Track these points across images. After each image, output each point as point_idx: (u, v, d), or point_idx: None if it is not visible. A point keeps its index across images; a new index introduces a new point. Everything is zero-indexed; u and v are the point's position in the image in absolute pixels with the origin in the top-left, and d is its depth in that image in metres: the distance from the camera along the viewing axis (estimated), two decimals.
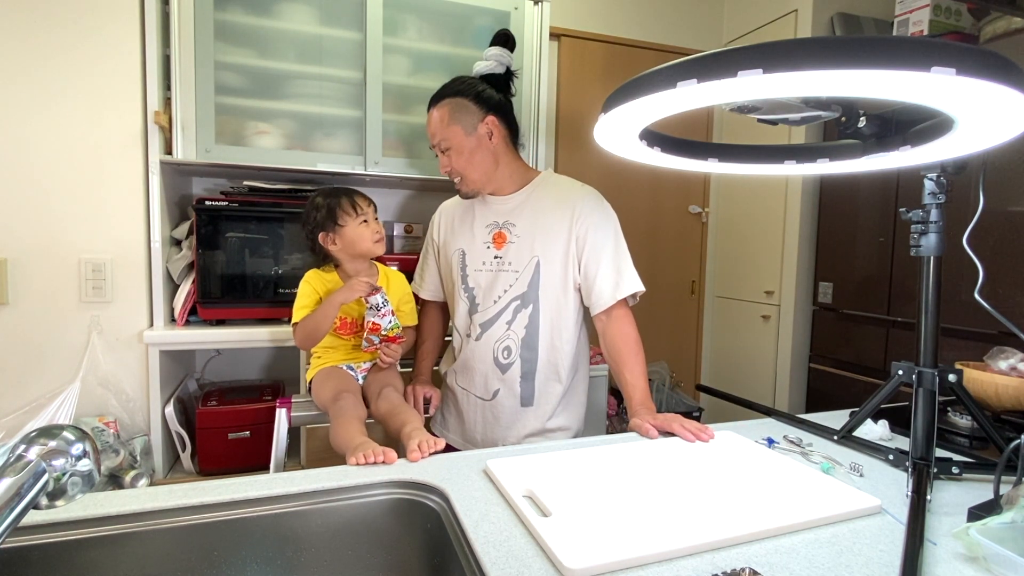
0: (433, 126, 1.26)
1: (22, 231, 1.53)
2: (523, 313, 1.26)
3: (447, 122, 1.24)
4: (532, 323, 1.26)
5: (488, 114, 1.25)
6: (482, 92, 1.26)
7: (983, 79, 0.48)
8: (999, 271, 1.70)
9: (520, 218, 1.28)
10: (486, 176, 1.27)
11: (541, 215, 1.27)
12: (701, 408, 2.73)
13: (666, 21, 2.80)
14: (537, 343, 1.26)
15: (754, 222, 2.71)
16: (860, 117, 0.77)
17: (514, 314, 1.27)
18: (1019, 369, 1.07)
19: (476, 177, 1.27)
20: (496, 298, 1.27)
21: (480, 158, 1.25)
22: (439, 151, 1.27)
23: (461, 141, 1.24)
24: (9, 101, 1.50)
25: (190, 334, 1.67)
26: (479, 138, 1.24)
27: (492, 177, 1.28)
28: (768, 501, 0.73)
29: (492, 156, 1.27)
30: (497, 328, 1.28)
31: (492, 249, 1.29)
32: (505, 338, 1.27)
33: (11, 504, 0.43)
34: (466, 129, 1.24)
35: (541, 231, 1.26)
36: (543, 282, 1.25)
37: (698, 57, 0.53)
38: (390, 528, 0.79)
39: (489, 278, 1.29)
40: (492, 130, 1.25)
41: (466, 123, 1.24)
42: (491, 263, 1.29)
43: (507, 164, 1.29)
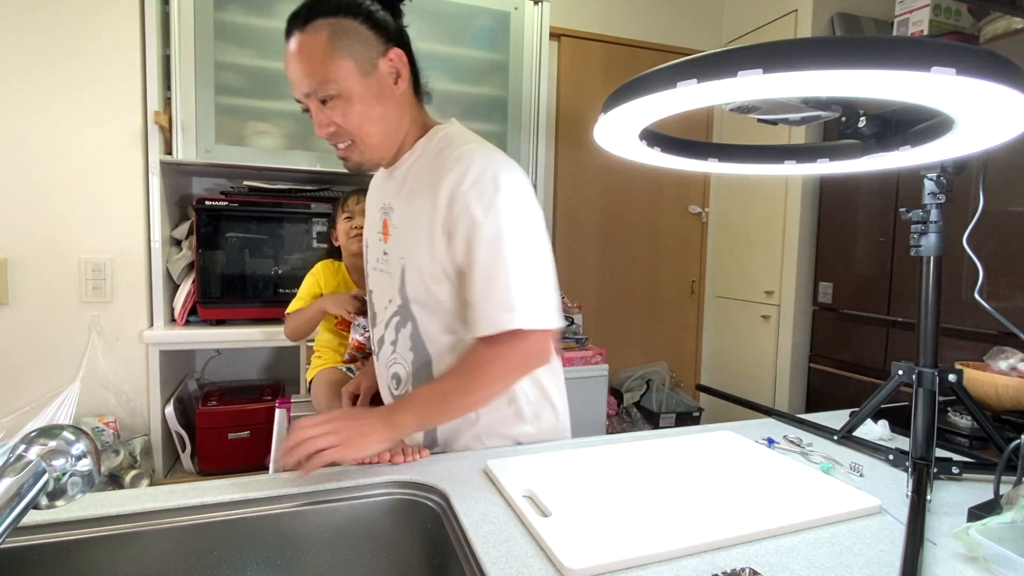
0: (303, 62, 0.81)
1: (22, 231, 1.53)
2: (404, 332, 0.93)
3: (329, 54, 0.81)
4: (416, 345, 0.92)
5: (390, 45, 0.85)
6: (376, 12, 0.85)
7: (983, 79, 0.48)
8: (999, 271, 1.70)
9: (398, 199, 0.93)
10: (390, 139, 0.89)
11: (414, 196, 0.90)
12: (701, 408, 2.73)
13: (666, 21, 2.80)
14: (431, 370, 0.92)
15: (754, 222, 2.71)
16: (860, 117, 0.77)
17: (396, 332, 0.94)
18: (1019, 369, 1.06)
19: (376, 140, 0.87)
20: (384, 307, 0.96)
21: (383, 112, 0.86)
22: (314, 102, 0.84)
23: (354, 84, 0.82)
24: (9, 101, 1.50)
25: (190, 334, 1.67)
26: (380, 80, 0.85)
27: (396, 138, 0.90)
28: (768, 501, 0.73)
29: (397, 108, 0.88)
30: (385, 349, 0.97)
31: (381, 242, 0.97)
32: (392, 362, 0.96)
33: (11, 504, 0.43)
34: (362, 67, 0.83)
35: (410, 220, 0.90)
36: (411, 293, 0.90)
37: (698, 57, 0.53)
38: (390, 528, 0.79)
39: (379, 281, 0.98)
40: (399, 69, 0.86)
41: (361, 58, 0.83)
42: (381, 260, 0.97)
43: (412, 122, 0.92)
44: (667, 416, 2.63)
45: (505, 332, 0.80)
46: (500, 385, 0.85)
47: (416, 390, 0.85)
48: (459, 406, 0.84)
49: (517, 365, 0.84)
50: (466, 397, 0.83)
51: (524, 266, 0.82)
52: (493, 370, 0.82)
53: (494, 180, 0.82)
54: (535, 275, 0.83)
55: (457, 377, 0.83)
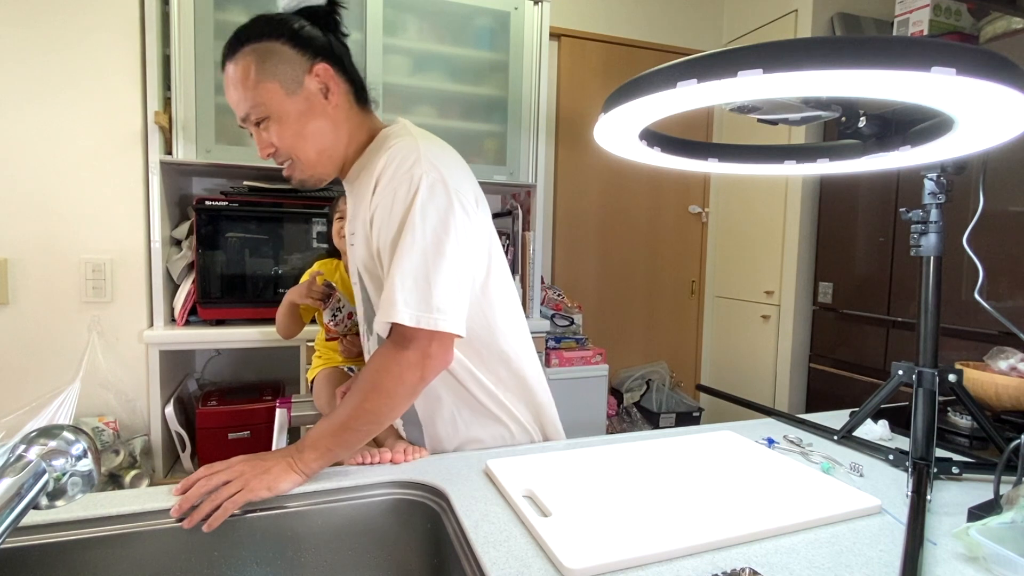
0: (236, 90, 0.85)
1: (22, 231, 1.53)
2: (371, 341, 0.95)
3: (255, 79, 0.83)
4: None
5: (316, 61, 0.85)
6: (300, 30, 0.85)
7: (983, 79, 0.48)
8: (999, 271, 1.70)
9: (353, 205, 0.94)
10: (326, 154, 0.88)
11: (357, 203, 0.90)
12: (701, 408, 2.73)
13: (666, 21, 2.80)
14: None
15: (754, 222, 2.71)
16: (860, 117, 0.77)
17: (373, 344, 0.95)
18: (1019, 369, 1.06)
19: (312, 157, 0.87)
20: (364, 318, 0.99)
21: (315, 127, 0.86)
22: (250, 125, 0.87)
23: (282, 105, 0.84)
24: (9, 101, 1.50)
25: (190, 334, 1.67)
26: (308, 98, 0.85)
27: (334, 154, 0.89)
28: (768, 501, 0.73)
29: (331, 123, 0.87)
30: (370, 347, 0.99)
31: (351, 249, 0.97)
32: None
33: (11, 504, 0.43)
34: (287, 87, 0.84)
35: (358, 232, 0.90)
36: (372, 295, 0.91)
37: (698, 57, 0.53)
38: (390, 528, 0.79)
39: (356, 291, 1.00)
40: (327, 83, 0.86)
41: (285, 78, 0.84)
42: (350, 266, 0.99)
43: (352, 132, 0.90)
44: (667, 416, 2.63)
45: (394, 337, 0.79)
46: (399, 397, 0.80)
47: (318, 423, 0.81)
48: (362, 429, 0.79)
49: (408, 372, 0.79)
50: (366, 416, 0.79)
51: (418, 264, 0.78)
52: (386, 383, 0.79)
53: (408, 174, 0.80)
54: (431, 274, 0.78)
55: (353, 401, 0.79)
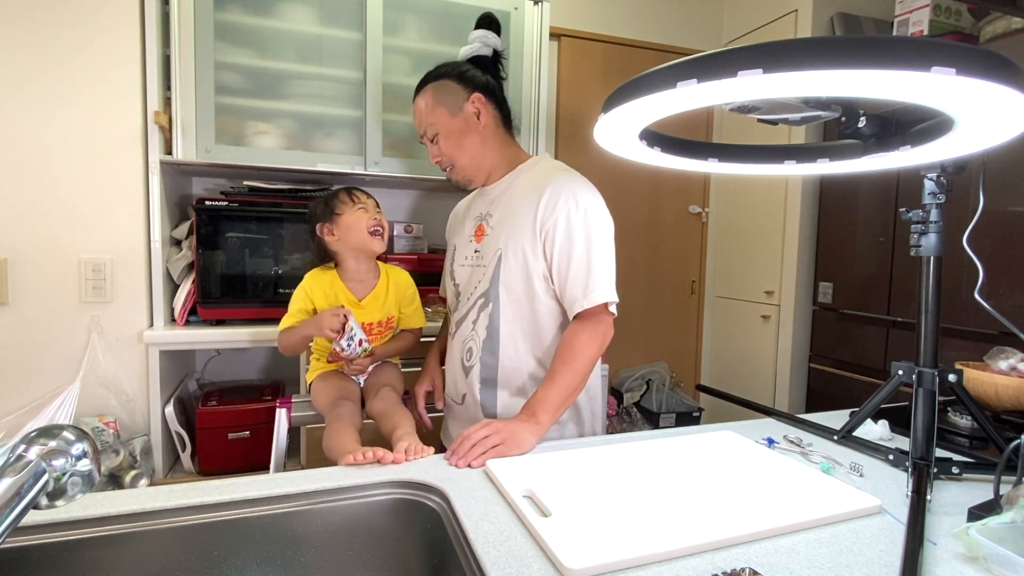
0: (419, 115, 1.19)
1: (22, 231, 1.53)
2: (484, 312, 1.16)
3: (432, 106, 1.17)
4: (492, 323, 1.14)
5: (474, 92, 1.16)
6: (466, 72, 1.18)
7: (983, 79, 0.48)
8: (999, 271, 1.70)
9: (497, 208, 1.19)
10: (475, 161, 1.18)
11: (513, 205, 1.15)
12: (701, 408, 2.73)
13: (666, 21, 2.80)
14: (497, 347, 1.14)
15: (754, 222, 2.71)
16: (860, 117, 0.77)
17: (478, 313, 1.17)
18: (1019, 369, 1.06)
19: (466, 162, 1.18)
20: (470, 294, 1.19)
21: (469, 141, 1.17)
22: (427, 141, 1.20)
23: (447, 124, 1.16)
24: (9, 101, 1.50)
25: (190, 334, 1.67)
26: (466, 119, 1.16)
27: (482, 163, 1.19)
28: (768, 501, 0.73)
29: (481, 139, 1.17)
30: (465, 327, 1.20)
31: (473, 243, 1.21)
32: (470, 338, 1.18)
33: (11, 504, 0.43)
34: (451, 111, 1.16)
35: (509, 222, 1.14)
36: (503, 279, 1.13)
37: (698, 57, 0.53)
38: (390, 528, 0.79)
39: (467, 273, 1.21)
40: (480, 109, 1.16)
41: (451, 104, 1.16)
42: (472, 257, 1.21)
43: (498, 149, 1.20)
44: (667, 416, 2.63)
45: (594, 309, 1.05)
46: (594, 364, 1.08)
47: (538, 392, 1.03)
48: (574, 390, 1.05)
49: (605, 340, 1.07)
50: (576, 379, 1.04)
51: (606, 260, 1.08)
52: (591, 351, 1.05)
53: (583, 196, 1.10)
54: (610, 268, 1.08)
55: (567, 368, 1.03)
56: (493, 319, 1.14)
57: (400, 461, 0.86)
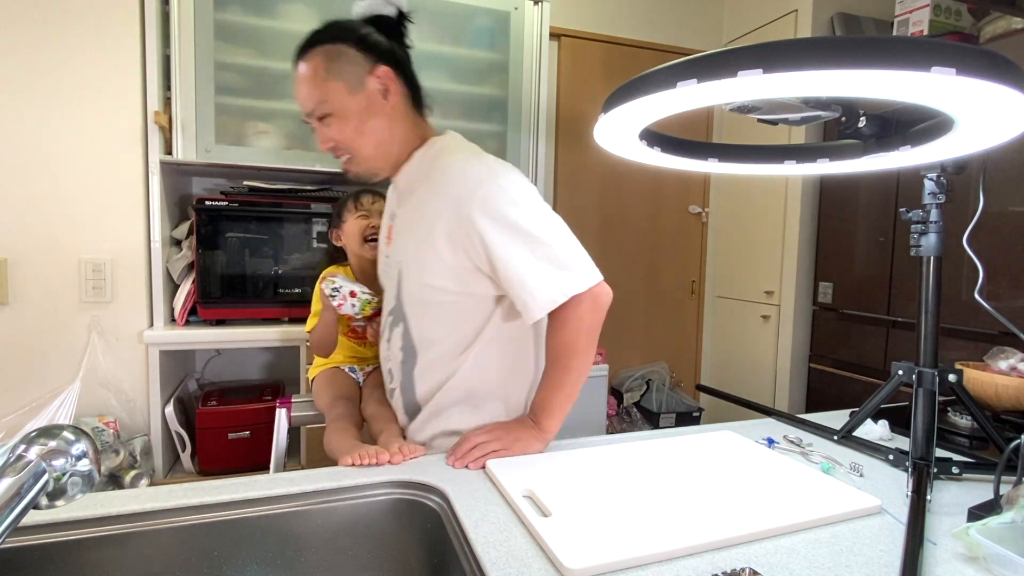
0: (305, 86, 0.92)
1: (22, 231, 1.53)
2: (396, 332, 0.99)
3: (323, 77, 0.91)
4: (405, 344, 0.98)
5: (378, 64, 0.93)
6: (367, 36, 0.94)
7: (983, 79, 0.48)
8: (999, 271, 1.70)
9: (402, 207, 1.00)
10: (381, 150, 0.96)
11: (413, 209, 0.96)
12: (701, 408, 2.73)
13: (666, 21, 2.80)
14: (414, 369, 0.97)
15: (754, 222, 2.71)
16: (860, 117, 0.77)
17: (390, 331, 1.01)
18: (1019, 369, 1.06)
19: (369, 152, 0.95)
20: (386, 308, 1.04)
21: (373, 125, 0.93)
22: (315, 121, 0.94)
23: (344, 102, 0.91)
24: (9, 101, 1.50)
25: (190, 334, 1.67)
26: (369, 97, 0.92)
27: (389, 151, 0.97)
28: (768, 501, 0.73)
29: (387, 122, 0.95)
30: (384, 345, 1.04)
31: (387, 246, 1.05)
32: (388, 359, 1.03)
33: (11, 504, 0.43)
34: (350, 86, 0.91)
35: (409, 232, 0.96)
36: (407, 298, 0.96)
37: (698, 57, 0.53)
38: (390, 528, 0.79)
39: (384, 283, 1.07)
40: (387, 85, 0.93)
41: (349, 78, 0.91)
42: (384, 263, 1.06)
43: (406, 134, 0.98)
44: (667, 416, 2.63)
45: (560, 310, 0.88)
46: (592, 350, 0.93)
47: (537, 397, 0.94)
48: (574, 388, 0.92)
49: (592, 325, 0.91)
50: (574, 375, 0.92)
51: (548, 242, 0.87)
52: (579, 342, 0.90)
53: (490, 182, 0.88)
54: (561, 246, 0.88)
55: (557, 367, 0.92)
56: (407, 339, 0.98)
57: (397, 461, 0.86)
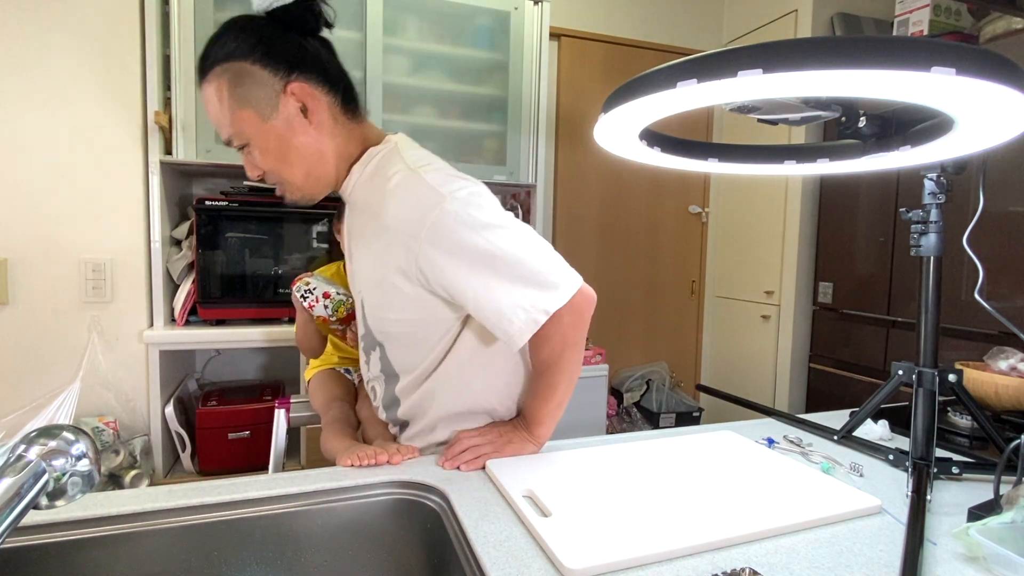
0: (211, 112, 0.81)
1: (22, 231, 1.53)
2: (374, 355, 0.93)
3: (229, 106, 0.79)
4: (385, 367, 0.93)
5: (289, 79, 0.79)
6: (270, 46, 0.79)
7: (983, 79, 0.48)
8: (999, 271, 1.70)
9: (354, 223, 0.92)
10: (314, 175, 0.84)
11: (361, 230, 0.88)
12: (701, 408, 2.73)
13: (666, 21, 2.80)
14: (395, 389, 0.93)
15: (754, 222, 2.71)
16: (860, 117, 0.77)
17: (367, 355, 0.95)
18: (1019, 369, 1.06)
19: (299, 180, 0.84)
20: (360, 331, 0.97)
21: (298, 150, 0.81)
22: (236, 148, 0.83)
23: (259, 132, 0.80)
24: (9, 101, 1.50)
25: (190, 334, 1.67)
26: (287, 120, 0.80)
27: (322, 174, 0.85)
28: (768, 501, 0.73)
29: (314, 141, 0.82)
30: (363, 366, 0.99)
31: (350, 263, 0.96)
32: (371, 379, 0.98)
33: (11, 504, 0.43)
34: (262, 113, 0.79)
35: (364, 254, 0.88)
36: (372, 324, 0.89)
37: (698, 57, 0.53)
38: (390, 528, 0.79)
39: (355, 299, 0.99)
40: (304, 102, 0.80)
41: (259, 103, 0.78)
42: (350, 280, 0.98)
43: (341, 146, 0.86)
44: (667, 416, 2.63)
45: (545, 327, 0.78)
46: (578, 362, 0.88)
47: (526, 408, 0.91)
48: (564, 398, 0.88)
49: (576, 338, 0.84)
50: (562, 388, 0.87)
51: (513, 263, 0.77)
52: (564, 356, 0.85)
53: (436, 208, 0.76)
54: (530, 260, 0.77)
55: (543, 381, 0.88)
56: (385, 363, 0.92)
57: (396, 462, 0.86)
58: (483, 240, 0.76)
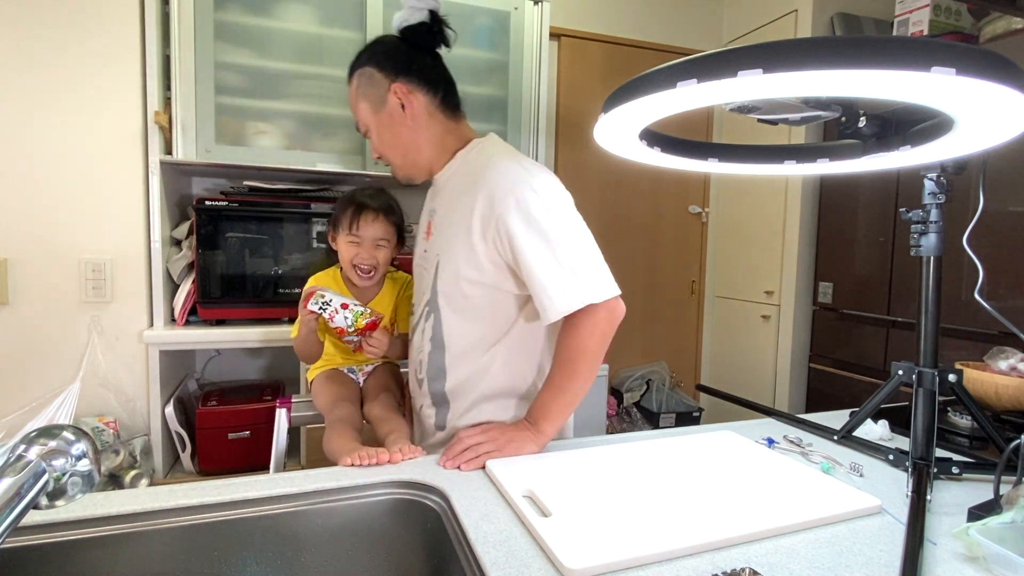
0: (351, 105, 1.07)
1: (22, 231, 1.53)
2: (428, 323, 1.04)
3: (356, 99, 1.05)
4: (436, 335, 1.02)
5: (395, 80, 1.01)
6: (384, 55, 1.03)
7: (983, 79, 0.48)
8: (999, 271, 1.70)
9: (441, 204, 1.07)
10: (409, 159, 1.06)
11: (451, 205, 1.03)
12: (701, 408, 2.73)
13: (666, 21, 2.80)
14: (444, 361, 1.02)
15: (754, 222, 2.71)
16: (860, 117, 0.77)
17: (424, 322, 1.05)
18: (1019, 369, 1.06)
19: (398, 161, 1.06)
20: (419, 300, 1.09)
21: (398, 137, 1.03)
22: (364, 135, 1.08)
23: (373, 120, 1.04)
24: (9, 101, 1.50)
25: (190, 334, 1.67)
26: (391, 113, 1.02)
27: (417, 159, 1.06)
28: (768, 501, 0.73)
29: (410, 132, 1.03)
30: (416, 337, 1.09)
31: (424, 242, 1.11)
32: (420, 349, 1.07)
33: (11, 504, 0.43)
34: (374, 105, 1.03)
35: (447, 226, 1.02)
36: (441, 288, 1.01)
37: (698, 57, 0.53)
38: (390, 528, 0.79)
39: (419, 276, 1.12)
40: (403, 100, 1.01)
41: (373, 98, 1.03)
42: (422, 258, 1.10)
43: (436, 139, 1.05)
44: (667, 416, 2.63)
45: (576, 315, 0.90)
46: (598, 360, 0.94)
47: (539, 397, 0.95)
48: (576, 395, 0.94)
49: (603, 335, 0.92)
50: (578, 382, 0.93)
51: (573, 250, 0.91)
52: (589, 347, 0.92)
53: (526, 184, 0.92)
54: (584, 255, 0.92)
55: (564, 370, 0.93)
56: (436, 331, 1.02)
57: (396, 461, 0.86)
58: (553, 224, 0.90)
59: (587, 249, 0.93)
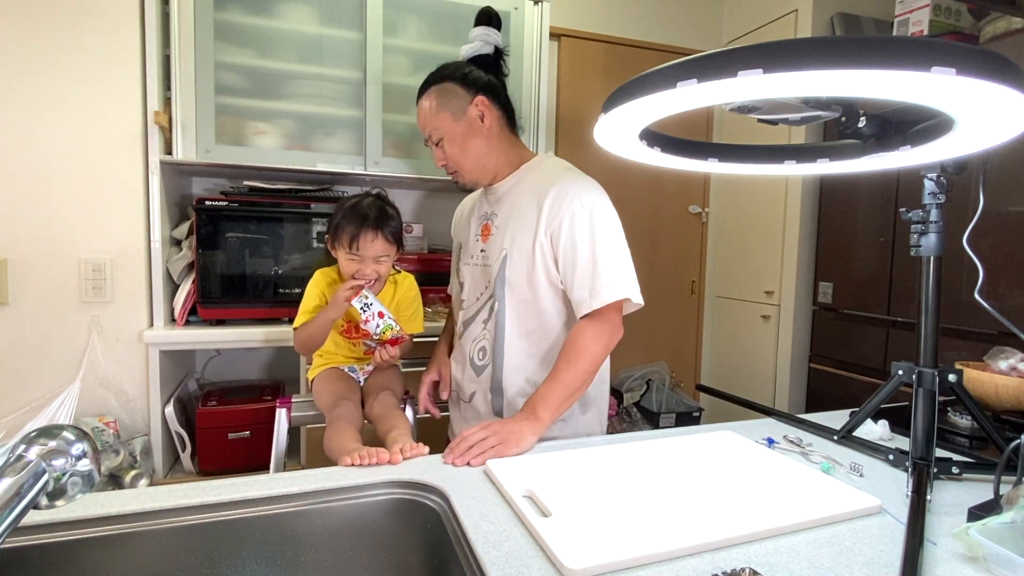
0: (423, 117, 1.18)
1: (22, 231, 1.53)
2: (493, 312, 1.17)
3: (436, 110, 1.16)
4: (498, 323, 1.15)
5: (477, 95, 1.15)
6: (469, 73, 1.17)
7: (983, 79, 0.48)
8: (999, 271, 1.70)
9: (502, 208, 1.19)
10: (480, 164, 1.18)
11: (518, 205, 1.16)
12: (701, 408, 2.73)
13: (666, 21, 2.80)
14: (503, 348, 1.15)
15: (754, 222, 2.71)
16: (860, 117, 0.77)
17: (489, 312, 1.18)
18: (1019, 369, 1.06)
19: (471, 166, 1.18)
20: (479, 294, 1.21)
21: (473, 144, 1.16)
22: (432, 144, 1.19)
23: (451, 128, 1.15)
24: (9, 101, 1.50)
25: (190, 334, 1.67)
26: (470, 122, 1.15)
27: (487, 165, 1.19)
28: (768, 501, 0.73)
29: (485, 141, 1.17)
30: (475, 326, 1.21)
31: (480, 242, 1.22)
32: (481, 337, 1.19)
33: (11, 504, 0.43)
34: (455, 115, 1.15)
35: (514, 222, 1.15)
36: (508, 279, 1.14)
37: (698, 57, 0.53)
38: (390, 528, 0.79)
39: (474, 273, 1.23)
40: (483, 111, 1.15)
41: (454, 108, 1.15)
42: (478, 257, 1.22)
43: (502, 150, 1.20)
44: (667, 416, 2.63)
45: (601, 309, 1.04)
46: (601, 358, 1.07)
47: (540, 388, 1.03)
48: (577, 388, 1.05)
49: (606, 345, 1.06)
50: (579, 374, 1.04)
51: (613, 259, 1.06)
52: (592, 352, 1.05)
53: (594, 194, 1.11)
54: (625, 264, 1.08)
55: (567, 364, 1.04)
56: (499, 319, 1.15)
57: (397, 461, 0.86)
58: (603, 234, 1.07)
59: (625, 262, 1.08)
